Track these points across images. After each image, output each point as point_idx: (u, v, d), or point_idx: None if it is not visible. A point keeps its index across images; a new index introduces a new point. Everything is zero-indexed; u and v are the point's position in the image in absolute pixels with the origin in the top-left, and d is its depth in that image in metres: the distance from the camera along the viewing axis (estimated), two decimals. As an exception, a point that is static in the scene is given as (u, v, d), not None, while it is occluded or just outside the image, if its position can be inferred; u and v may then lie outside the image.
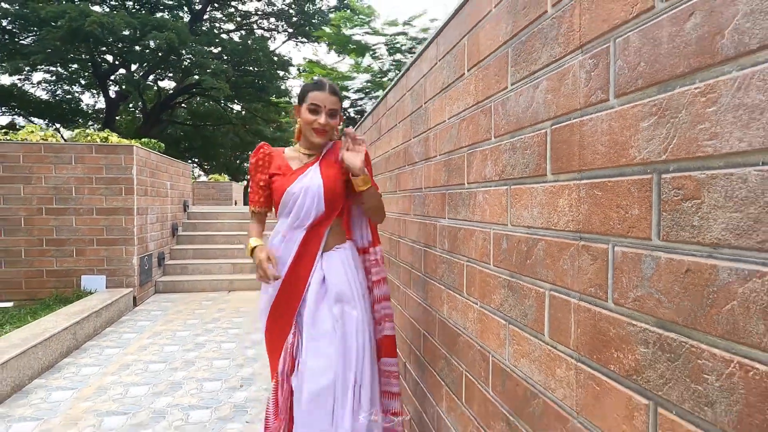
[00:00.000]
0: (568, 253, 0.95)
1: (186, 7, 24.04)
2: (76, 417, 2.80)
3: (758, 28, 0.56)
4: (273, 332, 1.89)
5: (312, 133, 1.84)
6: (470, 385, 1.46)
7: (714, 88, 0.62)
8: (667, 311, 0.70)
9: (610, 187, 0.83)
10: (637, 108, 0.76)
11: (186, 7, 24.06)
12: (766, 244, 0.55)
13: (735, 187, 0.59)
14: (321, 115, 1.82)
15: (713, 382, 0.62)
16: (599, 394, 0.85)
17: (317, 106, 1.82)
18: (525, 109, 1.13)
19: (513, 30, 1.18)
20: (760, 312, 0.55)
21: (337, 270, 1.84)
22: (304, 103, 1.85)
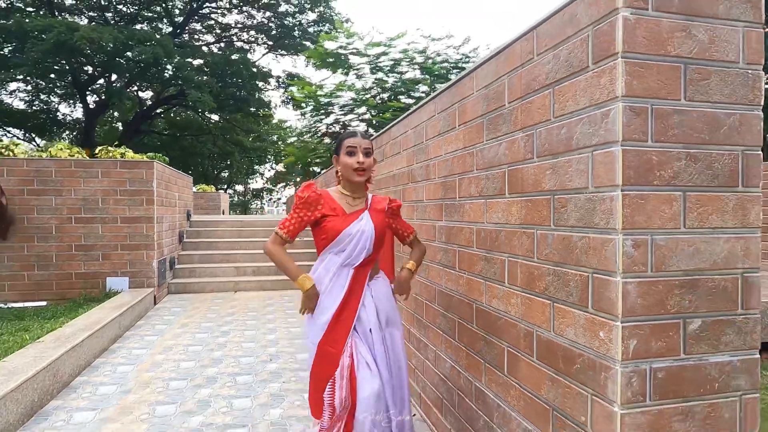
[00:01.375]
0: (516, 236, 1.80)
1: (166, 19, 24.46)
2: (145, 381, 3.52)
3: (584, 135, 1.41)
4: (321, 363, 2.03)
5: (353, 173, 2.07)
6: (461, 327, 2.30)
7: (570, 160, 1.47)
8: (557, 258, 1.54)
9: (534, 201, 1.67)
10: (545, 164, 1.61)
11: (166, 19, 24.48)
12: (593, 224, 1.40)
13: (577, 203, 1.44)
14: (358, 154, 2.06)
15: (575, 285, 1.46)
16: (531, 305, 1.69)
17: (353, 148, 2.07)
18: (493, 157, 1.98)
19: (486, 109, 2.03)
20: (591, 251, 1.40)
21: (383, 297, 2.15)
22: (341, 150, 2.10)
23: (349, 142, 2.09)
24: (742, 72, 1.34)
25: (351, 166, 2.06)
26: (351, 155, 2.07)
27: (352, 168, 2.06)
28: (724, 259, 1.35)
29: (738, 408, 1.36)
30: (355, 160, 2.05)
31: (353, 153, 2.07)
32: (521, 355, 1.76)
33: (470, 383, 2.20)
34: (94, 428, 2.79)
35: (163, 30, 24.51)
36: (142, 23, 24.22)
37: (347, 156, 2.07)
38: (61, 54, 17.95)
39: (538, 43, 1.64)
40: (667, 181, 1.30)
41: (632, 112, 1.27)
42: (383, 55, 12.19)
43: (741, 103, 1.35)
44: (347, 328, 2.03)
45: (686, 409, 1.33)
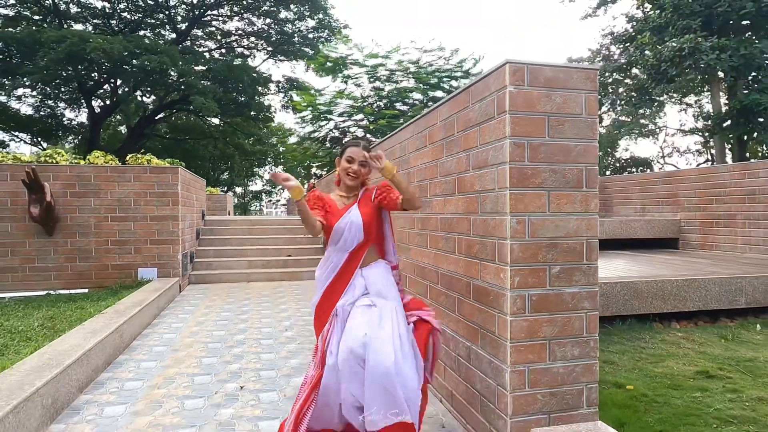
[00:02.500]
0: (461, 221, 2.72)
1: (169, 26, 25.29)
2: (187, 344, 4.43)
3: (493, 157, 2.33)
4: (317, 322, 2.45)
5: (346, 176, 2.46)
6: (428, 287, 3.22)
7: (487, 172, 2.39)
8: (481, 233, 2.46)
9: (470, 198, 2.60)
10: (480, 173, 2.53)
11: (169, 26, 25.30)
12: (497, 211, 2.32)
13: (491, 198, 2.36)
14: (354, 163, 2.46)
15: (490, 248, 2.38)
16: (469, 265, 2.62)
17: (352, 158, 2.46)
18: (449, 168, 2.90)
19: (445, 135, 2.96)
20: (496, 227, 2.32)
21: (375, 277, 2.43)
22: (343, 155, 2.49)
23: (350, 152, 2.48)
24: (584, 120, 2.27)
25: (346, 170, 2.46)
26: (349, 162, 2.46)
27: (346, 172, 2.46)
28: (574, 231, 2.27)
29: (584, 320, 2.29)
30: (350, 166, 2.46)
31: (351, 161, 2.46)
32: (464, 299, 2.69)
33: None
34: (158, 371, 3.70)
35: (166, 36, 25.40)
36: (145, 30, 25.08)
37: (346, 162, 2.47)
38: (71, 63, 18.81)
39: (471, 96, 2.57)
40: (537, 185, 2.23)
41: (515, 145, 2.19)
42: (380, 66, 13.14)
43: (584, 138, 2.27)
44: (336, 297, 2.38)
45: (551, 319, 2.25)
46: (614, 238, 7.75)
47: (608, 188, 9.75)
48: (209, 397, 3.20)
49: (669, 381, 3.24)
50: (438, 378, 3.11)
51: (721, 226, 7.15)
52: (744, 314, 4.97)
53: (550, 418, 2.25)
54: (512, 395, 2.20)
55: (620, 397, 2.93)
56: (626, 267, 5.75)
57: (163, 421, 2.82)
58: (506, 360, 2.22)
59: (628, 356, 3.78)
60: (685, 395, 3.01)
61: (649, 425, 2.56)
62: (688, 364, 3.59)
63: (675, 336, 4.31)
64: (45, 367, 2.95)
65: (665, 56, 16.39)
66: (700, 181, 7.52)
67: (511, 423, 2.20)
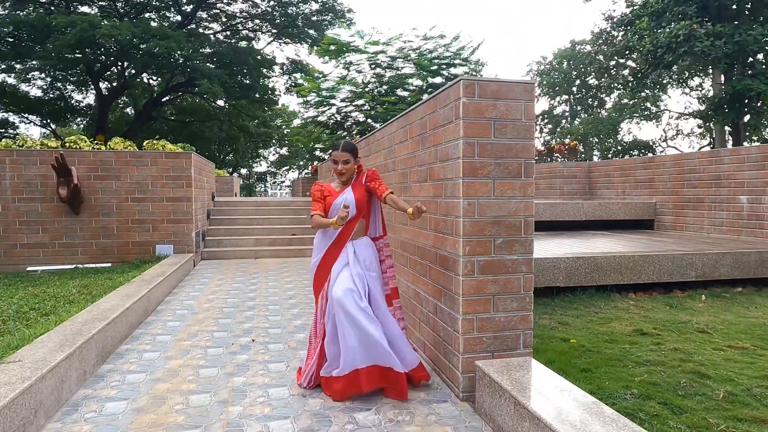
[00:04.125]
0: (431, 204, 3.35)
1: (174, 8, 25.60)
2: (205, 309, 5.13)
3: (452, 152, 2.95)
4: (316, 283, 3.10)
5: (336, 175, 3.10)
6: (415, 262, 3.87)
7: (448, 165, 3.02)
8: (444, 212, 3.10)
9: (437, 185, 3.22)
10: (444, 165, 3.15)
11: (174, 8, 25.61)
12: (454, 195, 2.95)
13: (450, 185, 2.99)
14: (338, 164, 3.06)
15: (450, 225, 3.02)
16: (436, 238, 3.26)
17: (336, 160, 3.07)
18: (423, 159, 3.52)
19: (420, 131, 3.57)
20: (454, 208, 2.96)
21: (363, 249, 3.08)
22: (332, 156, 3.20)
23: (334, 155, 3.11)
24: (524, 123, 2.89)
25: (333, 170, 3.12)
26: (335, 164, 3.09)
27: (334, 171, 3.11)
28: (514, 211, 2.91)
29: (522, 280, 2.94)
30: (335, 167, 3.09)
31: (336, 163, 3.08)
32: (432, 266, 3.34)
33: (414, 290, 3.79)
34: (182, 328, 4.39)
35: (171, 18, 25.75)
36: (150, 12, 25.42)
37: (333, 163, 3.12)
38: (80, 47, 19.34)
39: (438, 102, 3.18)
40: (485, 175, 2.85)
41: (467, 143, 2.81)
42: (381, 53, 13.63)
43: (523, 138, 2.89)
44: (333, 260, 3.04)
45: (495, 279, 2.90)
46: (595, 219, 8.36)
47: (594, 173, 10.33)
48: (227, 347, 3.89)
49: (608, 337, 3.90)
50: (415, 332, 3.78)
51: (691, 208, 7.75)
52: (695, 287, 5.61)
53: (493, 356, 2.91)
54: (463, 337, 2.86)
55: (561, 348, 3.60)
56: (599, 245, 6.38)
57: (191, 363, 3.51)
58: (459, 311, 2.87)
59: (581, 319, 4.44)
60: (617, 347, 3.66)
61: (575, 365, 3.23)
62: (629, 325, 4.24)
63: (627, 304, 4.97)
64: (95, 320, 3.64)
65: (661, 42, 16.74)
66: (675, 167, 8.10)
67: (462, 359, 2.87)
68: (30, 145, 7.60)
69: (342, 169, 3.06)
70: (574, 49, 32.87)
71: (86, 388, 3.07)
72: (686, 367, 3.22)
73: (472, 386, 2.88)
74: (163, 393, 3.00)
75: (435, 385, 3.12)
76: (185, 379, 3.21)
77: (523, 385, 2.44)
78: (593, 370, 3.16)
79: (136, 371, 3.37)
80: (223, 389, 3.06)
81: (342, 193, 3.06)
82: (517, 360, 2.83)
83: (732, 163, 7.03)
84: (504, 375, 2.56)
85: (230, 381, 3.19)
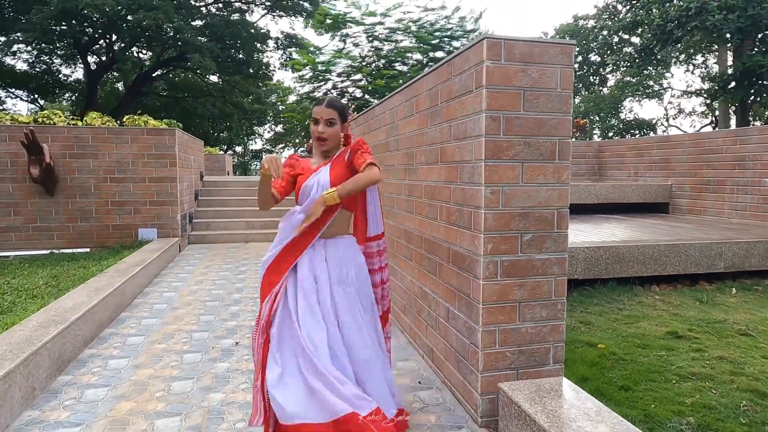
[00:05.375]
0: (442, 189, 2.84)
1: (165, -23, 24.54)
2: (187, 303, 4.64)
3: (471, 129, 2.43)
4: (264, 284, 2.18)
5: (315, 141, 2.20)
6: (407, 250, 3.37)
7: (466, 144, 2.49)
8: (460, 201, 2.59)
9: (450, 167, 2.70)
10: (460, 144, 2.63)
11: (165, -22, 24.54)
12: (473, 182, 2.43)
13: (468, 168, 2.47)
14: (319, 125, 2.16)
15: (467, 216, 2.52)
16: (448, 231, 2.75)
17: (316, 118, 2.17)
18: (433, 137, 2.99)
19: (430, 104, 3.04)
20: (472, 196, 2.45)
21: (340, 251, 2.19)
22: (311, 117, 2.21)
23: (314, 112, 2.18)
24: (559, 94, 2.36)
25: (312, 133, 2.19)
26: (315, 123, 2.18)
27: (313, 136, 2.20)
28: (545, 201, 2.40)
29: (553, 284, 2.44)
30: (315, 128, 2.17)
31: (317, 122, 2.17)
32: (444, 263, 2.84)
33: (420, 288, 3.30)
34: (158, 327, 3.91)
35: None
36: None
37: (312, 123, 2.20)
38: (65, 19, 18.47)
39: (453, 69, 2.63)
40: (511, 157, 2.33)
41: (491, 118, 2.29)
42: (379, 24, 12.91)
43: (558, 112, 2.36)
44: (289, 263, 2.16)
45: (521, 283, 2.41)
46: (607, 202, 7.87)
47: (604, 152, 9.80)
48: (206, 351, 3.41)
49: (639, 341, 3.44)
50: (420, 336, 3.31)
51: (710, 191, 7.25)
52: (723, 278, 5.15)
53: (518, 374, 2.44)
54: (483, 352, 2.39)
55: (590, 355, 3.13)
56: (613, 232, 5.90)
57: (163, 373, 3.03)
58: (479, 321, 2.38)
59: (605, 317, 3.98)
60: (652, 354, 3.20)
61: (612, 381, 2.77)
62: (660, 325, 3.78)
63: (652, 299, 4.50)
64: (51, 323, 3.14)
65: (671, 16, 16.04)
66: (693, 147, 7.58)
67: (482, 378, 2.40)
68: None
69: (323, 131, 2.17)
70: (577, 25, 31.93)
71: (33, 409, 2.58)
72: (740, 382, 2.76)
73: (494, 410, 2.42)
74: (125, 415, 2.52)
75: (447, 403, 2.66)
76: (153, 396, 2.73)
77: (563, 420, 1.97)
78: (633, 387, 2.70)
79: (97, 384, 2.89)
80: (196, 410, 2.59)
81: (316, 173, 2.19)
82: (549, 382, 2.35)
83: (760, 143, 6.51)
84: (536, 404, 2.09)
85: (206, 398, 2.71)
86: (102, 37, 22.84)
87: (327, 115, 2.17)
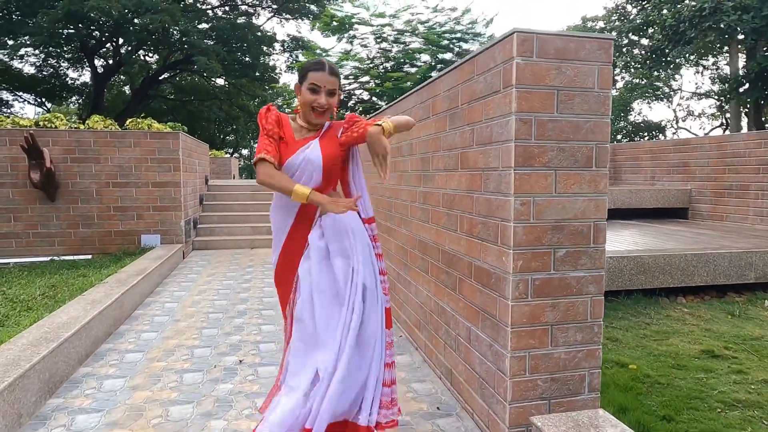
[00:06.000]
0: (463, 199, 2.61)
1: (170, -19, 24.49)
2: (189, 314, 4.42)
3: (497, 133, 2.20)
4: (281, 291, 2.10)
5: (311, 112, 1.94)
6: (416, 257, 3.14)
7: (491, 149, 2.26)
8: (484, 212, 2.36)
9: (473, 175, 2.47)
10: (484, 149, 2.40)
11: (171, -20, 24.49)
12: (501, 191, 2.20)
13: (494, 177, 2.24)
14: (320, 95, 1.91)
15: (492, 229, 2.28)
16: (470, 245, 2.52)
17: (317, 86, 1.90)
18: (452, 142, 2.77)
19: (449, 106, 2.81)
20: (499, 207, 2.22)
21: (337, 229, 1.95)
22: (305, 80, 1.92)
23: (314, 77, 1.92)
24: (596, 94, 2.12)
25: (309, 103, 1.93)
26: (314, 92, 1.92)
27: (311, 106, 1.93)
28: (581, 213, 2.16)
29: (588, 304, 2.21)
30: (315, 98, 1.92)
31: (317, 91, 1.92)
32: (465, 279, 2.61)
33: (437, 304, 3.07)
34: (160, 342, 3.70)
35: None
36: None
37: (310, 92, 1.93)
38: (71, 22, 18.43)
39: (477, 67, 2.41)
40: (544, 164, 2.10)
41: (521, 121, 2.06)
42: (387, 26, 12.71)
43: (595, 114, 2.13)
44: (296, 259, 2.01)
45: (554, 304, 2.17)
46: (623, 207, 7.60)
47: (618, 156, 9.53)
48: (207, 370, 3.19)
49: (673, 360, 3.19)
50: (438, 355, 3.08)
51: (733, 196, 6.97)
52: (752, 289, 4.88)
53: (550, 404, 2.20)
54: (512, 381, 2.15)
55: (623, 378, 2.89)
56: (634, 239, 5.64)
57: (160, 396, 2.81)
58: (507, 345, 2.15)
59: (632, 333, 3.73)
60: (689, 376, 2.95)
61: (651, 410, 2.52)
62: (693, 342, 3.53)
63: (681, 312, 4.24)
64: (42, 341, 2.93)
65: (684, 16, 15.74)
66: (714, 150, 7.30)
67: (510, 409, 2.16)
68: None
69: (326, 103, 1.94)
70: (585, 26, 31.62)
71: (19, 439, 2.38)
72: (792, 411, 2.51)
73: (523, 444, 2.18)
74: (118, 446, 2.31)
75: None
76: (149, 424, 2.51)
77: (609, 464, 1.73)
78: (675, 417, 2.45)
79: (89, 409, 2.67)
80: (195, 440, 2.37)
81: (306, 146, 1.96)
82: (587, 416, 2.11)
83: (787, 146, 6.23)
84: (576, 444, 1.85)
85: (206, 426, 2.49)
86: (109, 41, 22.81)
87: (331, 85, 1.94)
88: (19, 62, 24.21)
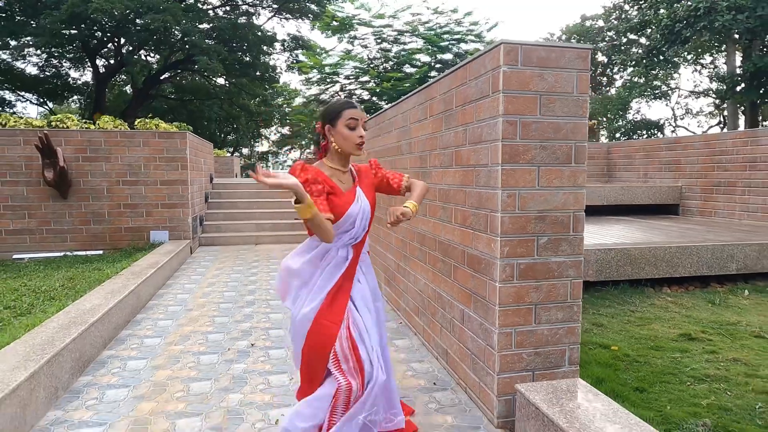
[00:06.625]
0: (459, 192, 2.87)
1: (172, -20, 24.67)
2: (200, 304, 4.68)
3: (487, 133, 2.46)
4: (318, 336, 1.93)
5: (355, 148, 1.98)
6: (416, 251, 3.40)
7: (481, 148, 2.52)
8: (475, 204, 2.62)
9: (466, 171, 2.73)
10: (475, 148, 2.66)
11: (172, -20, 24.67)
12: (489, 185, 2.46)
13: (484, 172, 2.50)
14: (359, 128, 1.98)
15: (483, 219, 2.54)
16: (463, 234, 2.78)
17: (356, 121, 1.96)
18: (447, 141, 3.02)
19: (444, 108, 3.07)
20: (489, 199, 2.47)
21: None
22: (339, 119, 1.96)
23: (351, 114, 1.96)
24: (575, 98, 2.38)
25: (353, 140, 1.97)
26: (353, 129, 1.97)
27: (355, 143, 1.97)
28: (561, 204, 2.42)
29: (569, 286, 2.47)
30: (356, 134, 1.97)
31: (355, 127, 1.97)
32: (459, 266, 2.87)
33: (434, 290, 3.33)
34: (175, 328, 3.96)
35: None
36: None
37: (348, 129, 1.96)
38: (74, 23, 18.66)
39: (469, 73, 2.66)
40: (528, 161, 2.36)
41: (508, 122, 2.32)
42: (387, 27, 12.95)
43: (574, 116, 2.39)
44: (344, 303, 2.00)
45: (537, 286, 2.43)
46: (616, 204, 7.86)
47: (613, 154, 9.79)
48: (222, 353, 3.45)
49: (652, 343, 3.45)
50: (435, 338, 3.34)
51: (721, 192, 7.24)
52: (734, 279, 5.14)
53: (534, 375, 2.46)
54: (499, 354, 2.41)
55: (604, 357, 3.15)
56: (623, 233, 5.90)
57: (181, 374, 3.08)
58: (495, 323, 2.41)
59: (617, 319, 3.99)
60: (665, 356, 3.21)
61: (626, 382, 2.78)
62: (672, 327, 3.79)
63: (664, 300, 4.50)
64: (72, 325, 3.19)
65: (680, 16, 15.99)
66: (704, 148, 7.56)
67: (498, 379, 2.42)
68: (12, 124, 7.09)
69: (364, 136, 2.02)
70: (584, 25, 31.85)
71: (57, 409, 2.63)
72: (755, 384, 2.77)
73: (510, 411, 2.44)
74: (147, 415, 2.57)
75: (462, 404, 2.68)
76: (173, 396, 2.78)
77: (581, 420, 1.99)
78: (647, 389, 2.71)
79: (117, 385, 2.93)
80: (216, 410, 2.62)
81: (357, 200, 2.02)
82: (565, 383, 2.37)
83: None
84: (554, 405, 2.11)
85: (225, 399, 2.75)
86: (110, 41, 23.02)
87: (364, 118, 2.01)
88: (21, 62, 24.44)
